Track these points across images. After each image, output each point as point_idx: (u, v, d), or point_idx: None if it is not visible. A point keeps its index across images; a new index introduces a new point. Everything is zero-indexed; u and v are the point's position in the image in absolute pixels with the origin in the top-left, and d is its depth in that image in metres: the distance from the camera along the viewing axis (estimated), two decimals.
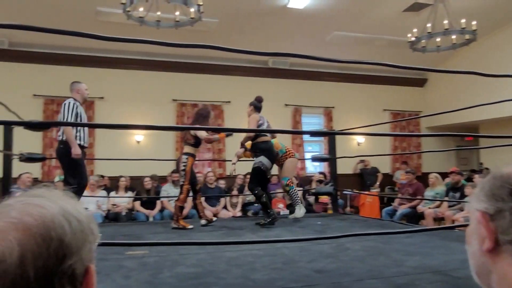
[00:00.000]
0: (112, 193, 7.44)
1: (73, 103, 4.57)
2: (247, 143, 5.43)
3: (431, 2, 7.12)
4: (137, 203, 7.37)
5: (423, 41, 6.76)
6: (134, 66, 9.22)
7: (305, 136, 10.35)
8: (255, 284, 2.57)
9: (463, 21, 6.28)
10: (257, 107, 5.37)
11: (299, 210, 5.57)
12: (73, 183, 4.37)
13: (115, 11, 6.70)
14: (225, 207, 7.70)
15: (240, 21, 8.28)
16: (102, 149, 8.75)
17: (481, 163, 10.70)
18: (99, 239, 0.66)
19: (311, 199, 8.43)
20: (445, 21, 6.33)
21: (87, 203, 6.64)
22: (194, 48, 2.79)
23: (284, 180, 5.59)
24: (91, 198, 6.85)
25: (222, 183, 8.33)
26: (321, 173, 8.89)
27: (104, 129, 8.24)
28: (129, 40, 2.64)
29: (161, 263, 3.09)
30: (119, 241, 3.54)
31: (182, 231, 4.84)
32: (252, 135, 5.27)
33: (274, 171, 5.78)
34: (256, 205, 7.02)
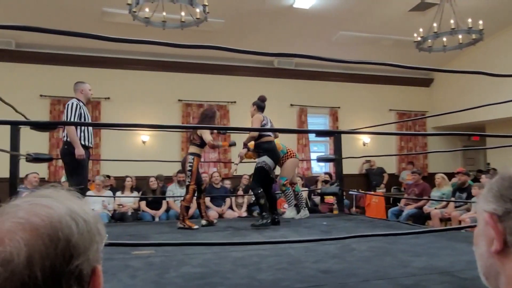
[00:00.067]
0: (118, 193, 7.47)
1: (76, 103, 4.56)
2: (250, 143, 5.41)
3: (437, 1, 7.08)
4: (143, 203, 7.38)
5: (429, 41, 6.72)
6: (140, 66, 9.25)
7: (311, 136, 10.33)
8: (261, 284, 2.57)
9: (469, 20, 6.25)
10: (260, 106, 5.30)
11: (289, 212, 5.57)
12: (73, 183, 4.36)
13: (121, 12, 6.73)
14: (230, 207, 7.71)
15: (245, 22, 8.28)
16: (108, 149, 8.79)
17: (488, 163, 10.64)
18: (106, 240, 0.66)
19: (317, 199, 8.42)
20: (452, 21, 6.29)
21: (93, 203, 6.67)
22: (199, 48, 2.79)
23: (282, 179, 5.54)
24: (97, 198, 6.88)
25: (227, 183, 8.34)
26: (326, 173, 8.88)
27: (110, 129, 8.27)
28: (135, 41, 2.65)
29: (167, 263, 3.09)
30: (125, 241, 3.55)
31: (187, 231, 4.85)
32: (255, 135, 5.20)
33: (278, 171, 5.77)
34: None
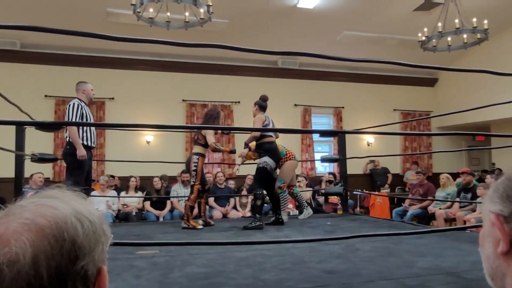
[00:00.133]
0: (122, 193, 7.48)
1: (77, 104, 4.56)
2: (251, 143, 5.39)
3: (441, 1, 7.05)
4: (147, 203, 7.39)
5: (434, 40, 6.70)
6: (144, 66, 9.27)
7: (315, 136, 10.32)
8: (265, 284, 2.57)
9: (474, 20, 6.22)
10: (262, 106, 5.28)
11: (282, 216, 5.41)
12: (69, 183, 4.34)
13: (125, 12, 6.74)
14: (234, 207, 7.70)
15: (249, 22, 8.28)
16: (112, 149, 8.82)
17: (493, 164, 10.59)
18: (111, 240, 0.66)
19: (321, 199, 8.40)
20: (456, 20, 6.27)
21: (97, 203, 6.68)
22: (203, 48, 2.79)
23: (279, 182, 5.45)
24: (102, 198, 6.90)
25: (231, 183, 8.34)
26: (331, 174, 8.87)
27: (114, 130, 8.29)
28: (139, 40, 2.66)
29: (171, 263, 3.10)
30: (130, 241, 3.56)
31: (192, 231, 4.86)
32: (257, 135, 5.17)
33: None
34: (265, 205, 6.99)
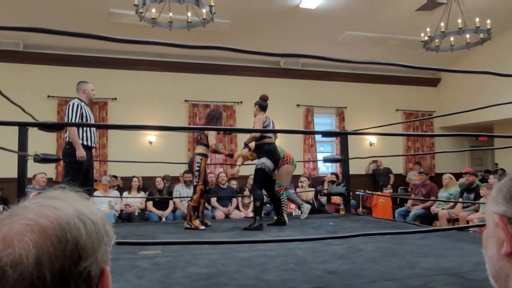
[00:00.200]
0: (125, 193, 7.49)
1: (77, 104, 4.55)
2: (251, 143, 5.37)
3: (444, 1, 7.04)
4: (150, 203, 7.40)
5: (437, 40, 6.68)
6: (146, 67, 9.28)
7: (317, 136, 10.31)
8: (267, 285, 2.56)
9: (477, 20, 6.20)
10: (262, 106, 5.26)
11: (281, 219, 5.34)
12: (64, 182, 4.32)
13: (128, 13, 6.75)
14: (237, 208, 7.71)
15: (252, 22, 8.28)
16: (115, 149, 8.83)
17: (496, 164, 10.56)
18: (114, 240, 0.66)
19: (323, 199, 8.40)
20: (459, 20, 6.25)
21: (100, 203, 6.69)
22: (205, 49, 2.80)
23: (275, 186, 5.41)
24: (104, 198, 6.91)
25: (234, 184, 8.34)
26: (333, 174, 8.85)
27: (116, 130, 8.30)
28: (141, 42, 2.66)
29: (174, 263, 3.10)
30: (132, 241, 3.56)
31: (194, 231, 4.86)
32: (257, 136, 5.15)
33: None
34: (268, 205, 6.99)
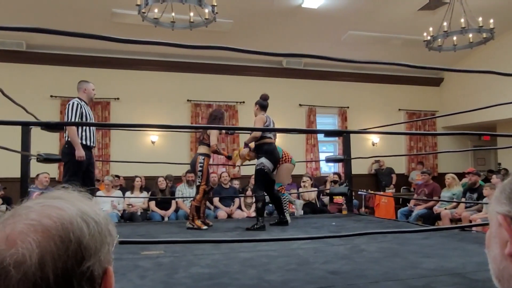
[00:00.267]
0: (127, 193, 7.50)
1: (77, 103, 4.54)
2: (250, 143, 5.35)
3: (447, 0, 7.03)
4: (152, 203, 7.40)
5: (439, 40, 6.67)
6: (149, 67, 9.29)
7: (320, 136, 10.30)
8: (270, 285, 2.56)
9: (480, 19, 6.18)
10: (263, 105, 5.23)
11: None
12: (63, 181, 4.32)
13: (130, 13, 6.76)
14: (239, 207, 7.70)
15: (254, 22, 8.28)
16: (117, 149, 8.84)
17: (499, 163, 10.54)
18: (117, 240, 0.66)
19: (326, 199, 8.39)
20: (462, 20, 6.24)
21: (102, 203, 6.70)
22: (208, 49, 2.80)
23: (276, 185, 5.39)
24: (107, 198, 6.92)
25: (236, 183, 8.34)
26: (335, 174, 8.84)
27: (119, 130, 8.31)
28: (144, 42, 2.66)
29: (176, 263, 3.10)
30: (135, 239, 3.57)
31: (196, 231, 4.86)
32: (258, 136, 5.12)
33: None
34: (270, 205, 6.98)
